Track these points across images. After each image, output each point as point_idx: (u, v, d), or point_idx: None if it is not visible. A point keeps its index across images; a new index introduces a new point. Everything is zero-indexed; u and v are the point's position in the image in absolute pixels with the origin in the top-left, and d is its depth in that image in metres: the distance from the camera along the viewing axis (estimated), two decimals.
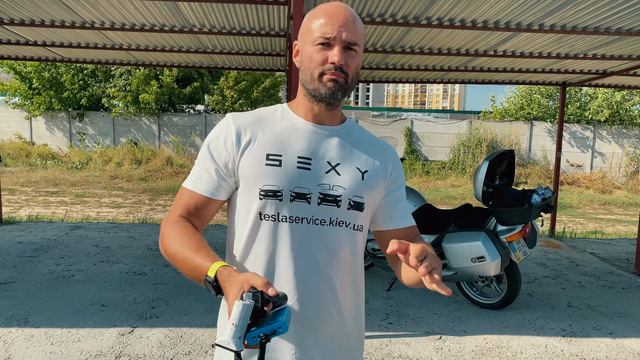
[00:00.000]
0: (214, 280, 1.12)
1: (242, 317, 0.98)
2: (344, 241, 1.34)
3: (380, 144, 1.47)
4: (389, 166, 1.43)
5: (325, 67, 1.27)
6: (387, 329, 4.22)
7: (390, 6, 4.48)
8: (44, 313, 4.31)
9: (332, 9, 1.29)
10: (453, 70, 7.43)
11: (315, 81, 1.29)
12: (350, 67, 1.29)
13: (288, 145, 1.32)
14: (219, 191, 1.34)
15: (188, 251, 1.21)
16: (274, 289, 1.05)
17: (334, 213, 1.32)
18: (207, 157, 1.34)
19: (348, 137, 1.40)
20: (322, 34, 1.26)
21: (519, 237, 4.53)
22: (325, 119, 1.37)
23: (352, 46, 1.28)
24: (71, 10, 4.94)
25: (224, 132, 1.34)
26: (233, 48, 6.63)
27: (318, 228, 1.31)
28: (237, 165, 1.32)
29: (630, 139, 17.61)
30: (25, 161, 16.75)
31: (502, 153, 4.81)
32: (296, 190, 1.29)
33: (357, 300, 1.44)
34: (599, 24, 4.81)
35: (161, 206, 10.86)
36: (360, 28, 1.31)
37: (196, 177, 1.35)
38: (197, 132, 18.58)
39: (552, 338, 4.17)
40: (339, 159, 1.35)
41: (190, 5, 4.69)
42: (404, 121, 19.00)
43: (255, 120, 1.36)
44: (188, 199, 1.34)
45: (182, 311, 4.45)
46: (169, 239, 1.27)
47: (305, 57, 1.31)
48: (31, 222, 8.15)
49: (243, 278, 1.07)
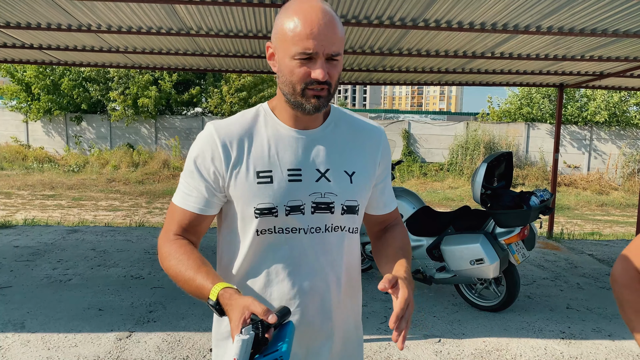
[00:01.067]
0: (216, 304, 1.14)
1: (242, 351, 1.02)
2: (340, 245, 1.36)
3: (367, 130, 1.43)
4: (378, 155, 1.42)
5: (308, 82, 1.21)
6: (386, 332, 4.20)
7: (388, 8, 4.47)
8: (41, 318, 4.28)
9: (309, 13, 1.17)
10: (450, 72, 7.43)
11: (298, 96, 1.24)
12: (334, 76, 1.24)
13: (276, 159, 1.30)
14: (210, 207, 1.33)
15: (189, 271, 1.23)
16: (274, 316, 1.06)
17: (328, 219, 1.33)
18: (194, 173, 1.31)
19: (333, 136, 1.37)
20: (303, 49, 1.17)
21: (517, 240, 4.52)
22: (309, 123, 1.34)
23: (335, 57, 1.21)
24: (67, 14, 4.92)
25: (209, 147, 1.29)
26: (230, 50, 6.61)
27: (314, 236, 1.32)
28: (227, 183, 1.30)
29: (627, 140, 17.65)
30: (22, 164, 16.70)
31: (500, 155, 4.81)
32: (290, 204, 1.29)
33: (355, 300, 1.47)
34: (596, 25, 4.81)
35: (158, 209, 10.83)
36: (340, 32, 1.22)
37: (185, 194, 1.33)
38: (195, 134, 18.56)
39: (552, 340, 4.16)
40: (327, 165, 1.33)
41: (187, 7, 4.67)
42: (401, 123, 19.01)
43: (239, 131, 1.31)
44: (181, 217, 1.33)
45: (179, 315, 4.43)
46: (169, 259, 1.29)
47: (284, 68, 1.23)
48: (27, 226, 8.11)
49: (243, 304, 1.08)
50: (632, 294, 1.39)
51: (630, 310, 1.39)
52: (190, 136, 18.51)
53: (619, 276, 1.43)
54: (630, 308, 1.39)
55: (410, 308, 1.18)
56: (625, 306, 1.40)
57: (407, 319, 1.17)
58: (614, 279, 1.45)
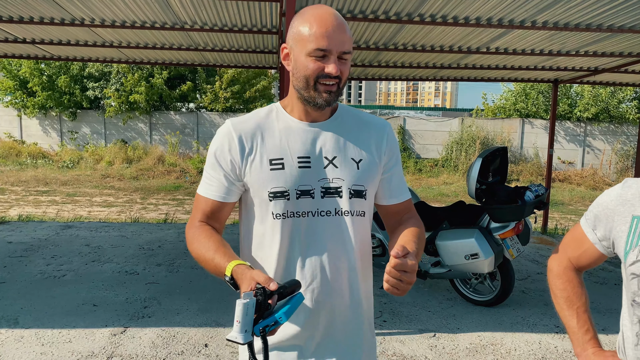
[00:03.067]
0: (230, 279, 1.25)
1: (244, 314, 1.10)
2: (349, 228, 1.45)
3: (373, 123, 1.54)
4: (383, 144, 1.52)
5: (320, 75, 1.35)
6: (381, 327, 4.20)
7: (383, 3, 4.46)
8: (35, 314, 4.26)
9: (323, 16, 1.34)
10: (446, 67, 7.43)
11: (310, 89, 1.38)
12: (344, 73, 1.38)
13: (287, 148, 1.43)
14: (230, 195, 1.46)
15: (209, 252, 1.36)
16: (275, 284, 1.17)
17: (338, 204, 1.43)
18: (214, 164, 1.45)
19: (340, 128, 1.49)
20: (318, 46, 1.32)
21: (512, 234, 4.53)
22: (318, 117, 1.47)
23: (345, 54, 1.36)
24: (60, 7, 4.88)
25: (227, 140, 1.44)
26: (225, 45, 6.59)
27: (324, 219, 1.43)
28: (243, 172, 1.43)
29: (621, 135, 17.72)
30: (15, 160, 16.59)
31: (495, 150, 4.81)
32: (301, 188, 1.41)
33: (366, 281, 1.55)
34: (590, 20, 4.82)
35: (153, 205, 10.79)
36: (349, 34, 1.38)
37: (207, 184, 1.47)
38: (190, 130, 18.50)
39: (546, 335, 4.18)
40: (335, 152, 1.45)
41: (181, 1, 4.65)
42: (396, 119, 19.00)
43: (253, 126, 1.45)
44: (204, 205, 1.47)
45: (174, 311, 4.42)
46: (192, 243, 1.42)
47: (299, 64, 1.37)
48: (21, 222, 8.07)
49: (250, 275, 1.20)
50: (564, 282, 1.46)
51: (562, 300, 1.45)
52: (185, 132, 18.44)
53: (553, 266, 1.50)
54: (562, 297, 1.45)
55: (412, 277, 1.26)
56: (557, 294, 1.46)
57: (406, 276, 1.24)
58: (549, 269, 1.52)
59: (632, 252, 1.23)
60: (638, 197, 1.26)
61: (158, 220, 8.75)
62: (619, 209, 1.29)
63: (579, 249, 1.43)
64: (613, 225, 1.30)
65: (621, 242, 1.27)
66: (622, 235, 1.27)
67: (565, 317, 1.43)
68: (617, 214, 1.29)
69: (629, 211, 1.26)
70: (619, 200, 1.30)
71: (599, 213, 1.35)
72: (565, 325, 1.44)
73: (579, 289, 1.45)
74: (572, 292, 1.44)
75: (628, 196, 1.28)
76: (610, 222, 1.31)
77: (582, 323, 1.40)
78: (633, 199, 1.27)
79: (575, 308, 1.42)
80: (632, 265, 1.23)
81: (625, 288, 1.31)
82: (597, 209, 1.36)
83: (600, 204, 1.35)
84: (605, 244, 1.35)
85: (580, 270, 1.47)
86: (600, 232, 1.35)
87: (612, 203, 1.31)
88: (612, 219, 1.30)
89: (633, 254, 1.23)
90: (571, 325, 1.41)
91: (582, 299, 1.43)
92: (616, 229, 1.29)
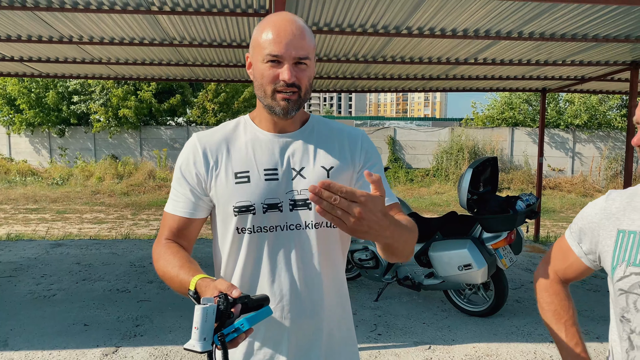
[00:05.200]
0: (194, 293, 1.18)
1: (202, 320, 1.04)
2: (321, 241, 1.39)
3: (346, 132, 1.48)
4: (356, 152, 1.45)
5: (277, 85, 1.30)
6: (376, 340, 4.18)
7: (371, 17, 4.49)
8: (24, 335, 4.19)
9: (280, 23, 1.29)
10: (434, 78, 7.47)
11: (268, 98, 1.32)
12: (303, 80, 1.31)
13: (253, 160, 1.38)
14: (197, 210, 1.41)
15: (174, 269, 1.29)
16: (238, 290, 1.10)
17: (307, 216, 1.38)
18: (180, 179, 1.41)
19: (310, 137, 1.43)
20: (271, 52, 1.28)
21: (504, 244, 4.54)
22: (286, 126, 1.42)
23: (302, 60, 1.30)
24: (48, 25, 4.86)
25: (191, 154, 1.40)
26: (214, 60, 6.59)
27: (293, 233, 1.37)
28: (208, 186, 1.39)
29: (608, 142, 17.89)
30: (4, 178, 16.43)
31: (486, 160, 4.83)
32: (267, 202, 1.36)
33: (341, 297, 1.48)
34: (576, 31, 4.88)
35: (144, 221, 10.71)
36: (309, 41, 1.32)
37: (174, 201, 1.42)
38: (179, 145, 18.44)
39: (541, 344, 4.17)
40: (303, 163, 1.39)
41: (169, 18, 4.65)
42: (386, 130, 19.08)
43: (219, 138, 1.42)
44: (171, 222, 1.41)
45: (167, 329, 4.37)
46: (158, 261, 1.35)
47: (257, 73, 1.33)
48: (10, 241, 7.97)
49: (213, 285, 1.13)
50: (550, 296, 1.45)
51: (549, 313, 1.44)
52: (175, 147, 18.39)
53: (540, 280, 1.49)
54: (549, 310, 1.44)
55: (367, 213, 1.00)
56: (545, 307, 1.46)
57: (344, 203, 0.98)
58: (536, 283, 1.51)
59: (619, 267, 1.21)
60: (622, 211, 1.25)
61: (149, 236, 8.68)
62: (604, 222, 1.27)
63: (565, 262, 1.42)
64: (599, 239, 1.28)
65: (607, 257, 1.26)
66: (608, 250, 1.25)
67: (554, 331, 1.42)
68: (602, 228, 1.28)
69: (614, 225, 1.25)
70: (604, 214, 1.28)
71: (583, 226, 1.34)
72: (554, 339, 1.42)
73: (566, 302, 1.44)
74: (560, 305, 1.43)
75: (612, 210, 1.27)
76: (595, 236, 1.30)
77: (570, 336, 1.39)
78: (618, 212, 1.25)
79: (563, 321, 1.41)
80: (619, 281, 1.21)
81: (613, 303, 1.28)
82: (582, 222, 1.35)
83: (585, 217, 1.34)
84: (591, 257, 1.34)
85: (566, 282, 1.47)
86: (585, 246, 1.34)
87: (596, 217, 1.30)
88: (597, 233, 1.29)
89: (620, 270, 1.21)
90: (560, 339, 1.40)
91: (570, 312, 1.42)
92: (602, 243, 1.28)
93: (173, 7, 4.31)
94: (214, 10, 4.38)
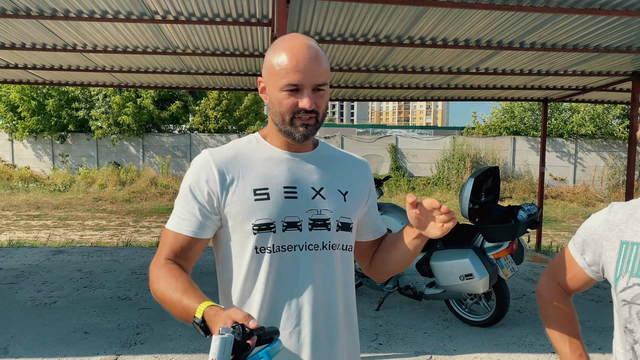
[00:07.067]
0: (201, 322, 1.12)
1: (220, 351, 0.98)
2: (337, 263, 1.38)
3: (354, 161, 1.52)
4: (367, 181, 1.51)
5: (296, 112, 1.28)
6: (377, 350, 4.16)
7: (373, 27, 4.51)
8: (25, 342, 4.18)
9: (295, 48, 1.26)
10: (436, 88, 7.50)
11: (287, 125, 1.30)
12: (321, 106, 1.31)
13: (272, 177, 1.34)
14: (204, 230, 1.34)
15: (175, 293, 1.21)
16: (255, 321, 1.04)
17: (325, 237, 1.35)
18: (188, 196, 1.34)
19: (324, 160, 1.44)
20: (290, 81, 1.25)
21: (506, 254, 4.53)
22: (300, 148, 1.40)
23: (321, 87, 1.29)
24: (53, 34, 4.90)
25: (204, 170, 1.33)
26: (217, 69, 6.63)
27: (311, 253, 1.34)
28: (222, 204, 1.32)
29: (611, 151, 17.88)
30: (7, 184, 16.47)
31: (487, 170, 4.83)
32: (287, 220, 1.32)
33: (351, 317, 1.46)
34: (577, 41, 4.90)
35: (146, 228, 10.72)
36: (325, 65, 1.30)
37: (179, 218, 1.35)
38: (182, 152, 18.48)
39: (542, 355, 4.15)
40: (321, 183, 1.38)
41: (173, 27, 4.68)
42: (388, 138, 19.11)
43: (233, 155, 1.36)
44: (173, 241, 1.34)
45: (167, 337, 4.36)
46: (157, 282, 1.28)
47: (274, 100, 1.30)
48: (12, 248, 7.98)
49: (226, 314, 1.07)
50: (555, 309, 1.44)
51: (553, 325, 1.43)
52: (177, 154, 18.42)
53: (543, 291, 1.49)
54: (553, 322, 1.43)
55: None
56: (549, 320, 1.45)
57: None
58: (539, 295, 1.50)
59: (622, 278, 1.22)
60: (625, 222, 1.26)
61: (151, 243, 8.68)
62: (607, 234, 1.28)
63: (568, 273, 1.42)
64: (602, 250, 1.29)
65: (611, 268, 1.27)
66: (611, 261, 1.26)
67: (557, 343, 1.41)
68: (605, 239, 1.29)
69: (617, 237, 1.26)
70: (607, 226, 1.29)
71: (587, 238, 1.34)
72: (558, 351, 1.42)
73: (569, 313, 1.44)
74: (563, 316, 1.43)
75: (615, 221, 1.28)
76: (599, 247, 1.30)
77: (574, 348, 1.39)
78: (620, 224, 1.27)
79: (566, 333, 1.41)
80: (622, 291, 1.22)
81: (616, 314, 1.29)
82: (585, 233, 1.35)
83: (588, 228, 1.35)
84: (594, 268, 1.34)
85: (570, 294, 1.47)
86: (589, 257, 1.35)
87: (599, 228, 1.31)
88: (600, 245, 1.30)
89: (623, 281, 1.22)
90: (564, 351, 1.40)
91: (573, 324, 1.42)
92: (605, 255, 1.29)
93: (177, 16, 4.35)
94: (217, 20, 4.41)
